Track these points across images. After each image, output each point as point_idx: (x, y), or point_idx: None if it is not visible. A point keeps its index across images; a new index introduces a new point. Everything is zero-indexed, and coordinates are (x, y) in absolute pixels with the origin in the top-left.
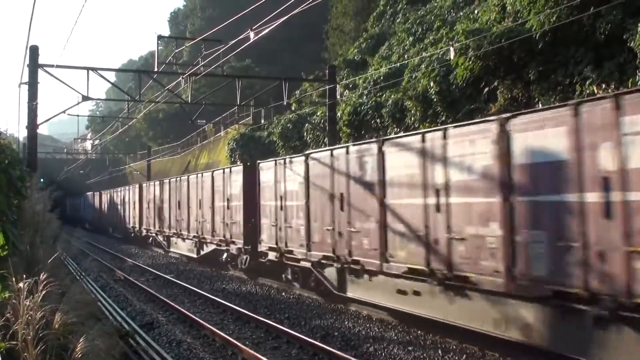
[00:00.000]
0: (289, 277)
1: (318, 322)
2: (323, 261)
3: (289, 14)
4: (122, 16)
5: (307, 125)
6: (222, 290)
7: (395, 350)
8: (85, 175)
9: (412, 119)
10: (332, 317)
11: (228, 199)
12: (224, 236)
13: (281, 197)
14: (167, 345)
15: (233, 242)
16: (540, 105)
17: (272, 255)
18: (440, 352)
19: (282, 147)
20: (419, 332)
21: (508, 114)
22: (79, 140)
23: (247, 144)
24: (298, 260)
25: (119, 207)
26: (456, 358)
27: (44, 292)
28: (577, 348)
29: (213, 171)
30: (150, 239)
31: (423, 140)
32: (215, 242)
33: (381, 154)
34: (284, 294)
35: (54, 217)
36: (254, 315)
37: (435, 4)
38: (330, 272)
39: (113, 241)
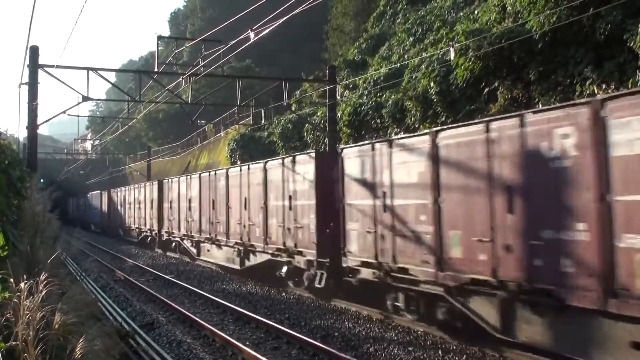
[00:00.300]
0: (399, 304)
1: (318, 323)
2: (470, 287)
3: (289, 14)
4: (122, 16)
5: (307, 125)
6: (222, 290)
7: (395, 351)
8: (85, 176)
9: (412, 119)
10: (332, 318)
11: (290, 197)
12: (284, 244)
13: (384, 194)
14: (167, 346)
15: (299, 253)
16: (540, 105)
17: (366, 274)
18: (440, 352)
19: (283, 147)
20: (419, 332)
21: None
22: (79, 140)
23: (247, 144)
24: (417, 283)
25: (132, 206)
26: (456, 358)
27: (44, 293)
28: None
29: (266, 162)
30: (174, 244)
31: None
32: (269, 252)
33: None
34: (284, 294)
35: (54, 217)
36: (254, 316)
37: (436, 5)
38: (485, 305)
39: (113, 242)
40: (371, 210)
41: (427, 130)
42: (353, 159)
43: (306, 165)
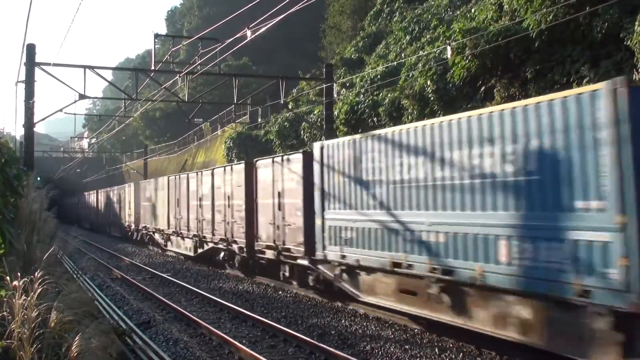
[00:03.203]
0: (287, 274)
1: (315, 321)
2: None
3: (286, 12)
4: (120, 14)
5: (304, 123)
6: (218, 289)
7: (392, 349)
8: (82, 174)
9: (409, 117)
10: (329, 316)
11: (229, 197)
12: (225, 235)
13: (279, 194)
14: (164, 344)
15: (234, 242)
16: None
17: (269, 254)
18: (437, 350)
19: (279, 145)
20: (416, 330)
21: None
22: (76, 138)
23: (244, 142)
24: (295, 259)
25: (116, 205)
26: (453, 357)
27: (39, 291)
28: None
29: (214, 169)
30: (148, 237)
31: None
32: (214, 242)
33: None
34: (280, 292)
35: (51, 215)
36: (251, 314)
37: (432, 3)
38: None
39: (110, 240)
40: (271, 207)
41: (301, 150)
42: (262, 169)
43: (239, 173)
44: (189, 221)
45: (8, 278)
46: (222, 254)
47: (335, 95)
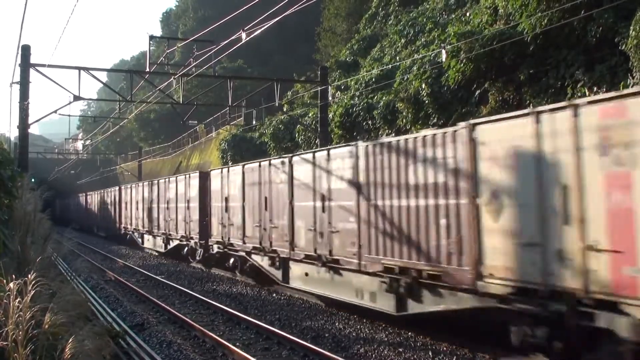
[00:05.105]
0: (230, 265)
1: (309, 324)
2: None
3: (281, 15)
4: (114, 16)
5: (298, 126)
6: (212, 291)
7: (385, 352)
8: (76, 176)
9: (404, 120)
10: (322, 319)
11: (188, 201)
12: (185, 232)
13: (225, 199)
14: (158, 346)
15: (192, 238)
16: (531, 107)
17: (217, 248)
18: (430, 353)
19: (274, 148)
20: (410, 333)
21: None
22: (70, 140)
23: (238, 144)
24: (237, 251)
25: (102, 207)
26: (446, 359)
27: (33, 292)
28: None
29: (177, 176)
30: (128, 236)
31: None
32: (178, 238)
33: None
34: (274, 295)
35: (45, 217)
36: (245, 317)
37: (428, 6)
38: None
39: (104, 242)
40: (220, 210)
41: (241, 163)
42: (214, 178)
43: (196, 180)
44: (159, 221)
45: (2, 280)
46: (185, 250)
47: (330, 98)
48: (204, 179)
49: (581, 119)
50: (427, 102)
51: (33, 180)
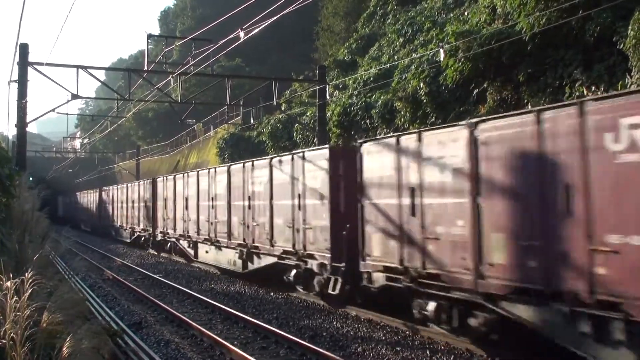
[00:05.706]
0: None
1: (306, 322)
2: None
3: (279, 14)
4: (113, 15)
5: (296, 125)
6: (210, 290)
7: (383, 351)
8: (74, 174)
9: (402, 119)
10: (320, 318)
11: (166, 199)
12: (144, 226)
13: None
14: (155, 345)
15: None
16: (530, 106)
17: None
18: (428, 352)
19: (272, 147)
20: (407, 332)
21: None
22: (68, 139)
23: (236, 143)
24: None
25: (91, 205)
26: (444, 358)
27: (30, 291)
28: None
29: (155, 179)
30: (112, 230)
31: None
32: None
33: None
34: (272, 294)
35: (43, 215)
36: (243, 315)
37: (426, 5)
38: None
39: (102, 241)
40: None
41: (181, 172)
42: (160, 183)
43: (149, 185)
44: (127, 218)
45: (0, 278)
46: (142, 239)
47: (328, 97)
48: (154, 184)
49: None
50: (425, 101)
51: (31, 178)
